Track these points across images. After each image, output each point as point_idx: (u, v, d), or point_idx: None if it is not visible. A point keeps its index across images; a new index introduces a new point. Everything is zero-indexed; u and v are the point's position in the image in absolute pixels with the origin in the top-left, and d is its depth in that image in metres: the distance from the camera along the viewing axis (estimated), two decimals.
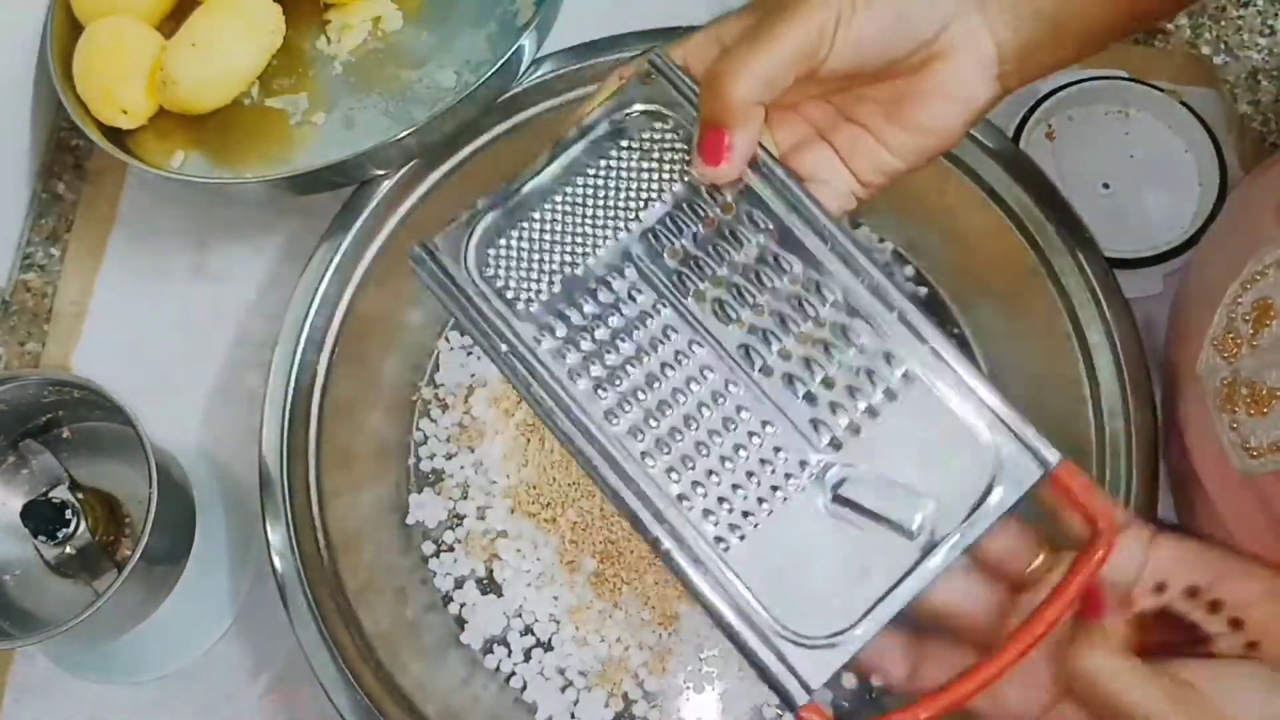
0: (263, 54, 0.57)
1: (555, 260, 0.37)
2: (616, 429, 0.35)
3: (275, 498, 0.49)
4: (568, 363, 0.35)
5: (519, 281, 0.36)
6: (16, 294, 0.62)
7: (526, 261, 0.37)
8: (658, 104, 0.38)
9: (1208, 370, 0.44)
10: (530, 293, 0.36)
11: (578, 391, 0.35)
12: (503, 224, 0.37)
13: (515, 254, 0.37)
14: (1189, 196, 0.59)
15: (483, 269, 0.36)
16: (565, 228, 0.37)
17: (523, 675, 0.53)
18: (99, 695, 0.54)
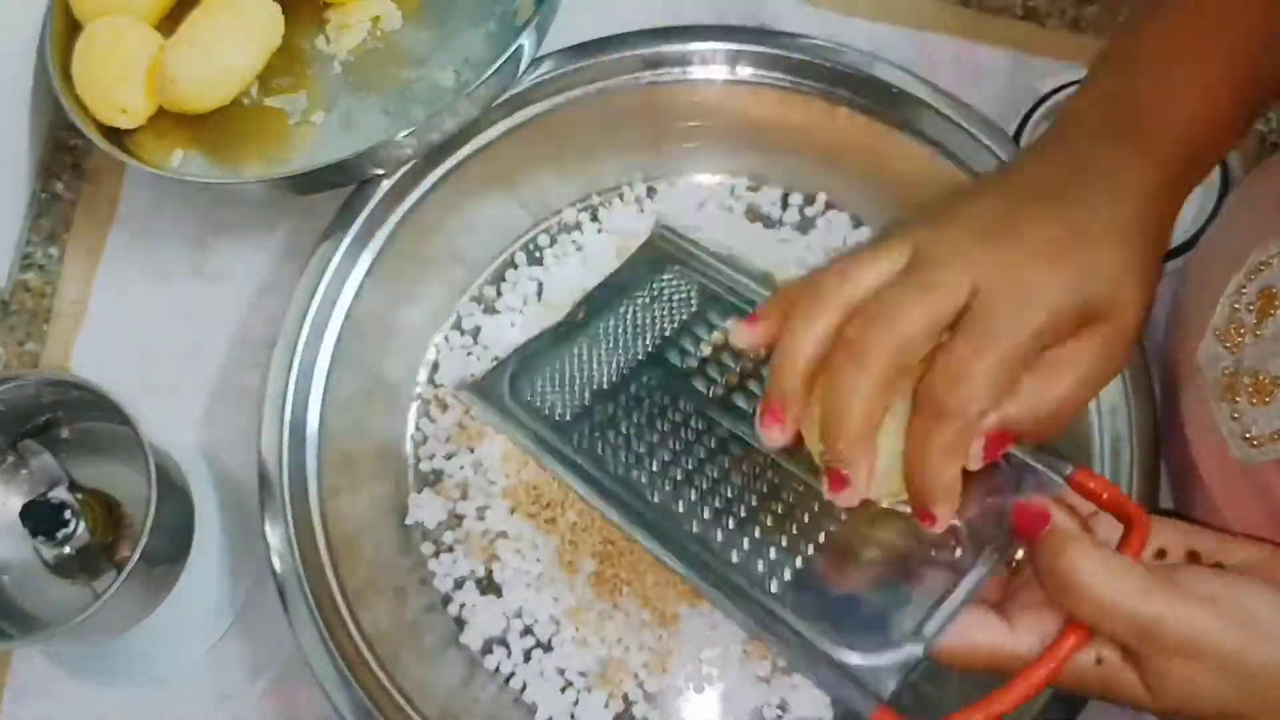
0: (262, 53, 0.57)
1: (583, 381, 0.44)
2: (654, 499, 0.39)
3: (275, 498, 0.49)
4: (605, 455, 0.41)
5: (554, 400, 0.43)
6: (15, 294, 0.62)
7: (560, 386, 0.44)
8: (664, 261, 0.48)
9: (1209, 360, 0.44)
10: (565, 407, 0.43)
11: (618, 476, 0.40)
12: (541, 359, 0.46)
13: (551, 382, 0.44)
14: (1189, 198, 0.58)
15: (523, 396, 0.44)
16: (589, 357, 0.45)
17: (522, 676, 0.53)
18: (99, 695, 0.54)
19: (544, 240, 0.61)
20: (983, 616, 0.35)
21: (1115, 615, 0.32)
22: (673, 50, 0.55)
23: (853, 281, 0.36)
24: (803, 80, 0.55)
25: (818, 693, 0.52)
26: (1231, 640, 0.32)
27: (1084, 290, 0.35)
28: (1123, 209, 0.37)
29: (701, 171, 0.61)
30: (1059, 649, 0.33)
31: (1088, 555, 0.33)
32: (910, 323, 0.34)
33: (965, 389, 0.34)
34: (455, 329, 0.60)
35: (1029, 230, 0.36)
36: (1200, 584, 0.33)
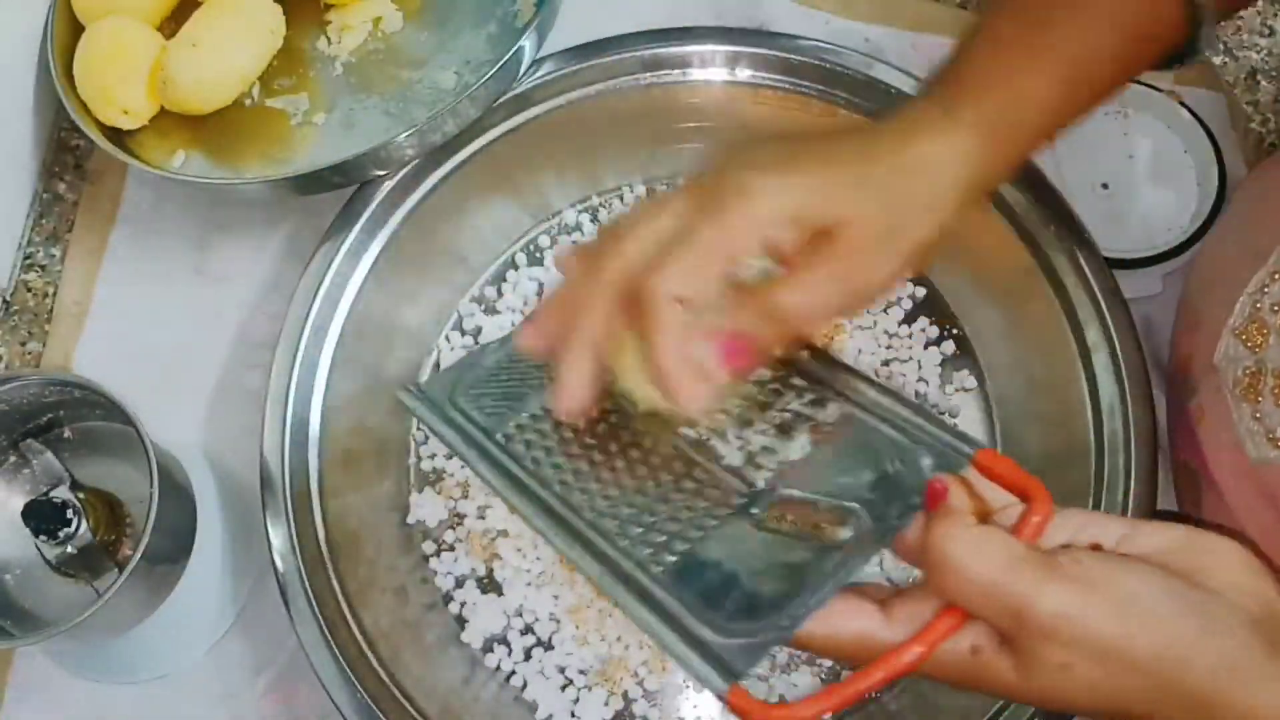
0: (263, 54, 0.57)
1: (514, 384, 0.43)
2: (562, 491, 0.39)
3: (276, 497, 0.49)
4: (523, 451, 0.41)
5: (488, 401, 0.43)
6: (17, 294, 0.62)
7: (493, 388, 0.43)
8: None
9: (1227, 360, 0.44)
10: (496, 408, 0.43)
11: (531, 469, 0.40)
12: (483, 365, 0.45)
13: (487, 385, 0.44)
14: (1188, 197, 0.59)
15: (460, 399, 0.43)
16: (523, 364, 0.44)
17: (523, 674, 0.53)
18: (100, 694, 0.54)
19: (544, 241, 0.61)
20: (855, 603, 0.33)
21: (985, 593, 0.30)
22: (672, 52, 0.56)
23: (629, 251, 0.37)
24: (801, 82, 0.55)
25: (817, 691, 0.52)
26: (1109, 625, 0.29)
27: (806, 199, 0.36)
28: (885, 145, 0.38)
29: None
30: (931, 631, 0.31)
31: (961, 529, 0.31)
32: (635, 239, 0.36)
33: (658, 272, 0.35)
34: (456, 329, 0.60)
35: (767, 150, 0.38)
36: (1081, 564, 0.30)
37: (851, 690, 0.31)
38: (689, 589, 0.35)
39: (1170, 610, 0.30)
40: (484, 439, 0.41)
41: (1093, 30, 0.40)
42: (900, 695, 0.52)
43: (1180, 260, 0.56)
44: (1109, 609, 0.29)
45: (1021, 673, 0.31)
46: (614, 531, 0.38)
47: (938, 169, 0.38)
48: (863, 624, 0.33)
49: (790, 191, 0.36)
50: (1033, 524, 0.32)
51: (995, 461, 0.34)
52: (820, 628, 0.33)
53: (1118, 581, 0.30)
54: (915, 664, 0.31)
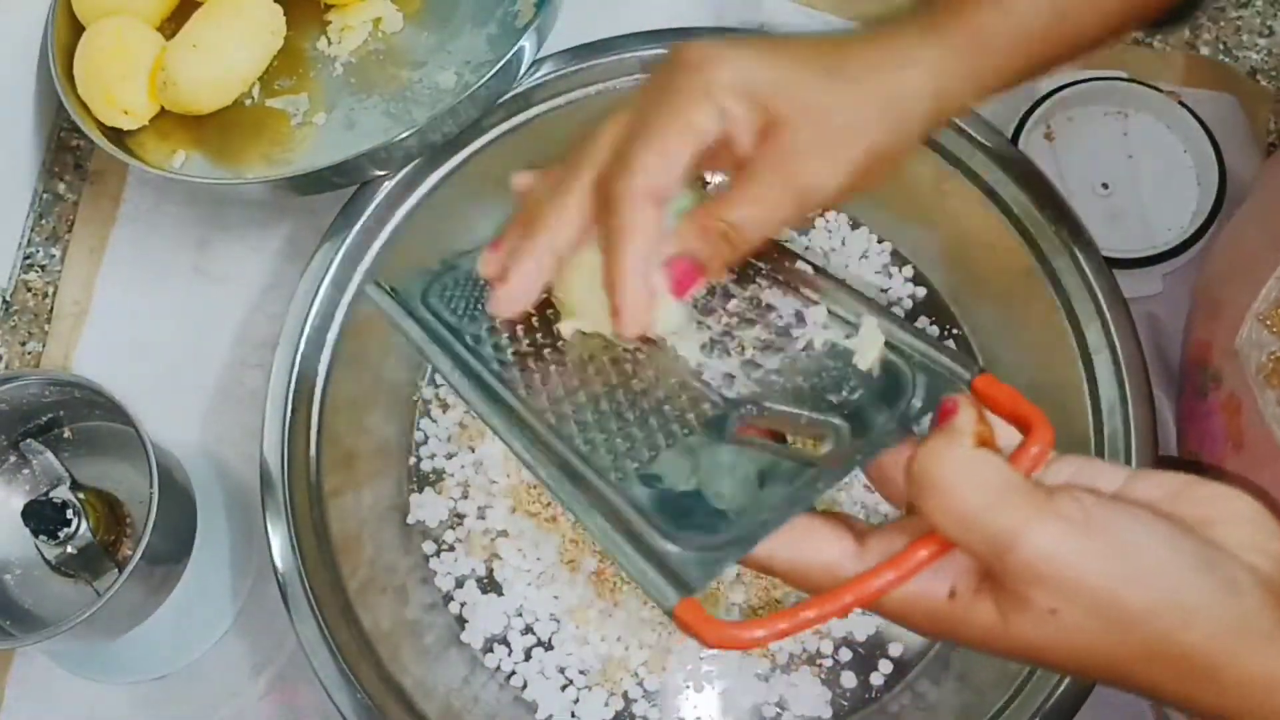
0: (264, 55, 0.57)
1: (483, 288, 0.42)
2: (523, 393, 0.38)
3: (276, 497, 0.49)
4: (494, 354, 0.39)
5: (461, 303, 0.42)
6: (17, 294, 0.62)
7: (465, 291, 0.42)
8: None
9: (1250, 345, 0.43)
10: (465, 309, 0.41)
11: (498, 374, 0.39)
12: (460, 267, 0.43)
13: (460, 287, 0.42)
14: (1188, 197, 0.59)
15: (432, 299, 0.42)
16: None
17: (523, 674, 0.53)
18: (99, 695, 0.54)
19: None
20: (827, 529, 0.30)
21: (971, 520, 0.27)
22: None
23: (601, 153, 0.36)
24: None
25: (817, 690, 0.52)
26: (1105, 571, 0.26)
27: (760, 74, 0.35)
28: (857, 43, 0.37)
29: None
30: (906, 558, 0.28)
31: (953, 451, 0.28)
32: (595, 141, 0.35)
33: (624, 169, 0.34)
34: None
35: (734, 42, 0.36)
36: (1080, 504, 0.27)
37: (813, 613, 0.28)
38: (648, 499, 0.32)
39: (1176, 564, 0.27)
40: (451, 338, 0.40)
41: None
42: (900, 695, 0.52)
43: (1180, 260, 0.56)
44: (1106, 553, 0.26)
45: (1002, 617, 0.28)
46: (574, 435, 0.35)
47: (906, 72, 0.36)
48: (833, 553, 0.30)
49: (744, 64, 0.35)
50: (1031, 454, 0.29)
51: (994, 387, 0.32)
52: (784, 550, 0.30)
53: (1120, 526, 0.27)
54: (884, 590, 0.28)
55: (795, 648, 0.53)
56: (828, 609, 0.28)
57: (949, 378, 0.33)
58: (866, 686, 0.53)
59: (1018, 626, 0.28)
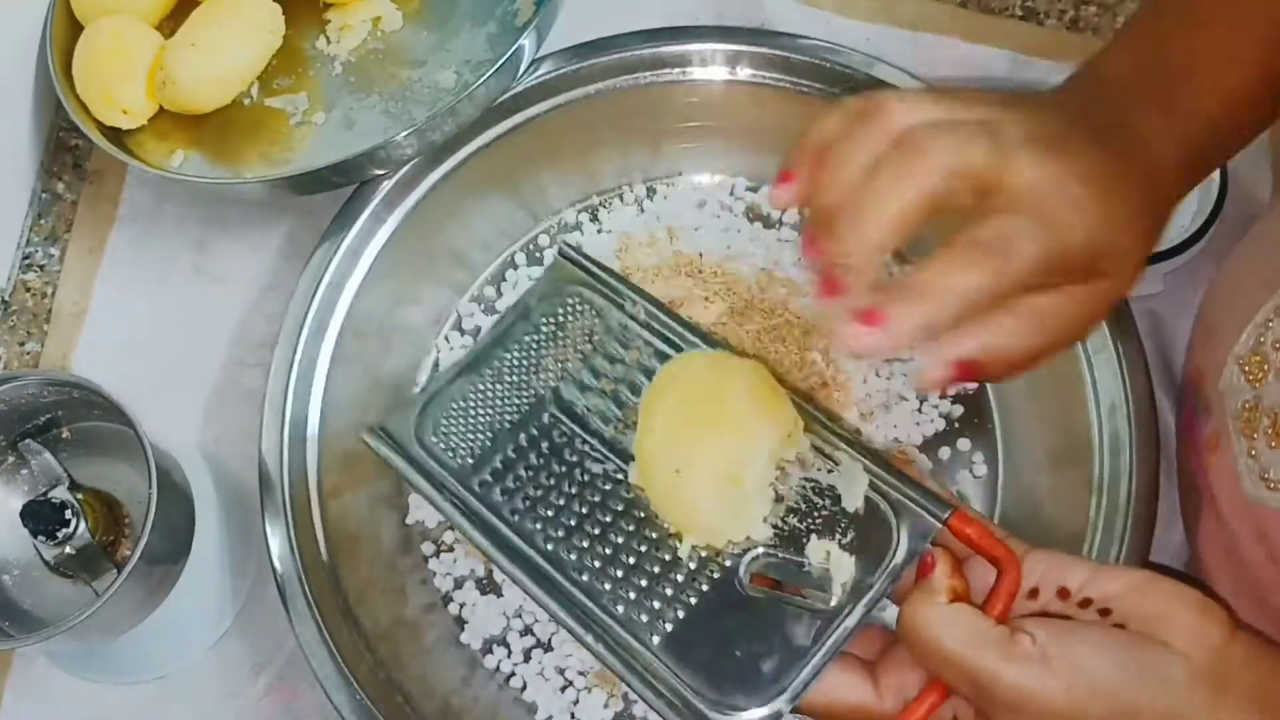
0: (263, 54, 0.57)
1: (485, 420, 0.44)
2: (547, 548, 0.39)
3: (275, 498, 0.49)
4: (502, 500, 0.41)
5: (459, 441, 0.43)
6: (16, 294, 0.62)
7: (463, 425, 0.43)
8: (568, 284, 0.47)
9: (1230, 389, 0.43)
10: (468, 448, 0.43)
11: (514, 524, 0.40)
12: (447, 397, 0.45)
13: (455, 421, 0.44)
14: (1189, 196, 0.58)
15: (427, 438, 0.43)
16: (493, 394, 0.45)
17: (522, 675, 0.53)
18: (99, 695, 0.54)
19: (544, 241, 0.61)
20: (849, 675, 0.36)
21: (952, 668, 0.33)
22: (672, 51, 0.56)
23: (912, 104, 0.34)
24: (802, 81, 0.55)
25: None
26: (1061, 699, 0.32)
27: (1101, 234, 0.33)
28: (1150, 176, 0.36)
29: (701, 172, 0.61)
30: (917, 707, 0.34)
31: (929, 609, 0.34)
32: (973, 154, 0.33)
33: (958, 272, 0.32)
34: (456, 329, 0.60)
35: (1075, 155, 0.34)
36: (1038, 642, 0.33)
37: None
38: (687, 659, 0.36)
39: (1117, 679, 0.32)
40: (458, 487, 0.41)
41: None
42: None
43: (1181, 259, 0.56)
44: (1062, 684, 0.32)
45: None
46: (607, 594, 0.38)
47: (1163, 179, 0.36)
48: (858, 696, 0.36)
49: (1099, 228, 0.33)
50: (1003, 599, 0.34)
51: (968, 526, 0.36)
52: (819, 699, 0.36)
53: (1071, 656, 0.32)
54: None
55: None
56: None
57: (927, 519, 0.37)
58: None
59: None
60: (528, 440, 0.42)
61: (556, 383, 0.44)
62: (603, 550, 0.39)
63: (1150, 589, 0.34)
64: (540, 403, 0.44)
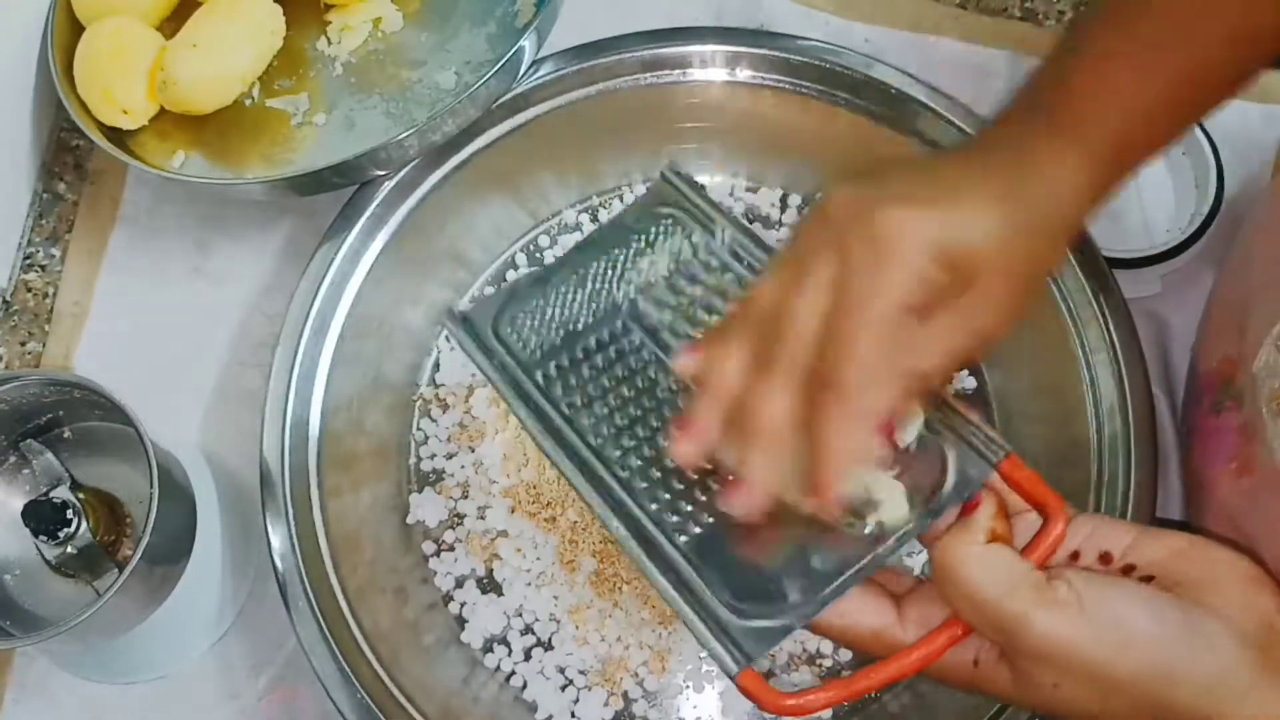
0: (263, 55, 0.57)
1: (561, 319, 0.44)
2: (595, 443, 0.40)
3: (276, 497, 0.49)
4: (562, 394, 0.41)
5: (531, 335, 0.43)
6: (17, 294, 0.62)
7: (538, 321, 0.44)
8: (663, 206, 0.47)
9: (1266, 371, 0.42)
10: (538, 343, 0.43)
11: (567, 416, 0.40)
12: (528, 296, 0.45)
13: (532, 317, 0.44)
14: (1186, 197, 0.59)
15: (502, 329, 0.44)
16: (572, 296, 0.45)
17: (523, 674, 0.53)
18: (99, 695, 0.54)
19: (544, 241, 0.61)
20: (873, 599, 0.35)
21: (981, 611, 0.32)
22: (672, 52, 0.56)
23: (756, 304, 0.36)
24: (801, 82, 0.55)
25: None
26: (1094, 648, 0.31)
27: (946, 244, 0.34)
28: (1043, 197, 0.36)
29: (701, 172, 0.61)
30: (934, 639, 0.33)
31: (966, 547, 0.33)
32: (798, 322, 0.34)
33: (851, 367, 0.33)
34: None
35: (897, 182, 0.35)
36: (1074, 588, 0.32)
37: (860, 686, 0.33)
38: (711, 564, 0.36)
39: (1156, 633, 0.31)
40: (524, 378, 0.41)
41: (1208, 47, 0.39)
42: (900, 695, 0.52)
43: (1179, 260, 0.56)
44: (1094, 634, 0.31)
45: (1016, 686, 0.33)
46: (643, 491, 0.38)
47: (1063, 200, 0.37)
48: (879, 621, 0.35)
49: (945, 229, 0.34)
50: (1044, 546, 0.33)
51: (1018, 471, 0.35)
52: (838, 619, 0.35)
53: (1105, 604, 0.31)
54: (919, 667, 0.33)
55: (795, 648, 0.53)
56: (875, 681, 0.33)
57: (980, 459, 0.36)
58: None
59: (1029, 695, 0.33)
60: (597, 343, 0.43)
61: (636, 294, 0.45)
62: (648, 452, 0.39)
63: (1197, 554, 0.33)
64: (616, 310, 0.44)
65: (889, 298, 0.33)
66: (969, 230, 0.34)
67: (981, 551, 0.33)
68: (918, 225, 0.34)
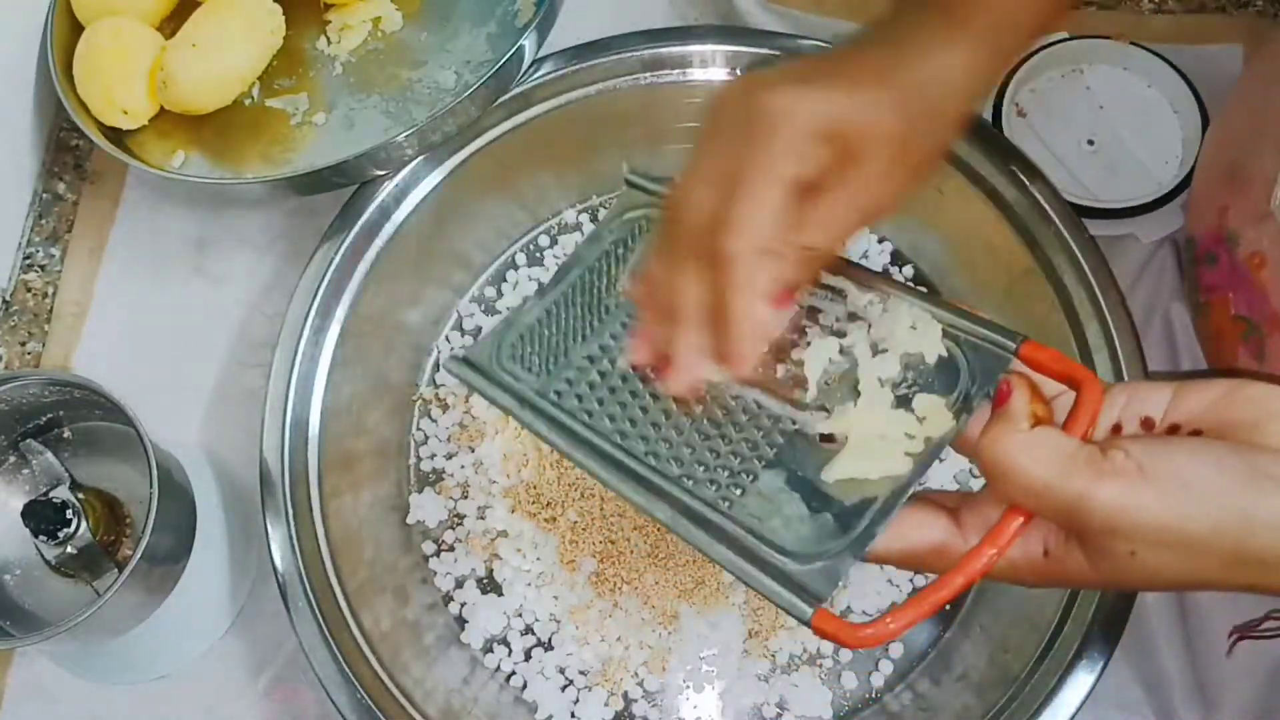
0: (263, 54, 0.57)
1: (560, 336, 0.44)
2: (620, 441, 0.40)
3: (276, 497, 0.49)
4: (578, 404, 0.41)
5: (534, 359, 0.43)
6: (17, 294, 0.62)
7: (539, 344, 0.44)
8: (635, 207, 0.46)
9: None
10: (542, 363, 0.43)
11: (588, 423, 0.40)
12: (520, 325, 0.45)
13: (531, 342, 0.44)
14: (1170, 127, 0.59)
15: (505, 360, 0.43)
16: (566, 313, 0.44)
17: (523, 674, 0.53)
18: (99, 695, 0.54)
19: (544, 241, 0.61)
20: (926, 515, 0.34)
21: (1040, 494, 0.31)
22: (672, 52, 0.56)
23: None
24: None
25: (817, 691, 0.52)
26: (1162, 511, 0.30)
27: (830, 118, 0.35)
28: (900, 58, 0.38)
29: None
30: (999, 533, 0.32)
31: (1013, 436, 0.32)
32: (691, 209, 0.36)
33: (730, 231, 0.35)
34: (456, 329, 0.60)
35: (785, 69, 0.37)
36: (1129, 454, 0.31)
37: (936, 598, 0.32)
38: (761, 520, 0.36)
39: (1222, 483, 0.30)
40: (538, 399, 0.42)
41: None
42: (900, 695, 0.52)
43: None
44: (1160, 495, 0.30)
45: (1092, 564, 0.32)
46: (678, 474, 0.38)
47: (950, 81, 0.38)
48: (936, 535, 0.34)
49: (823, 105, 0.35)
50: (1084, 415, 0.32)
51: (1039, 352, 0.35)
52: (895, 543, 0.34)
53: (1166, 465, 0.30)
54: (990, 566, 0.32)
55: (796, 648, 0.53)
56: (946, 593, 0.32)
57: (997, 350, 0.36)
58: (867, 687, 0.53)
59: (1106, 570, 0.32)
60: (601, 348, 0.43)
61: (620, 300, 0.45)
62: (672, 435, 0.39)
63: (1238, 396, 0.32)
64: (612, 315, 0.44)
65: (770, 173, 0.35)
66: (851, 107, 0.36)
67: (1026, 438, 0.32)
68: (797, 103, 0.35)
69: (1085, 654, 0.45)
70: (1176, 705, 0.50)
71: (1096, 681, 0.44)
